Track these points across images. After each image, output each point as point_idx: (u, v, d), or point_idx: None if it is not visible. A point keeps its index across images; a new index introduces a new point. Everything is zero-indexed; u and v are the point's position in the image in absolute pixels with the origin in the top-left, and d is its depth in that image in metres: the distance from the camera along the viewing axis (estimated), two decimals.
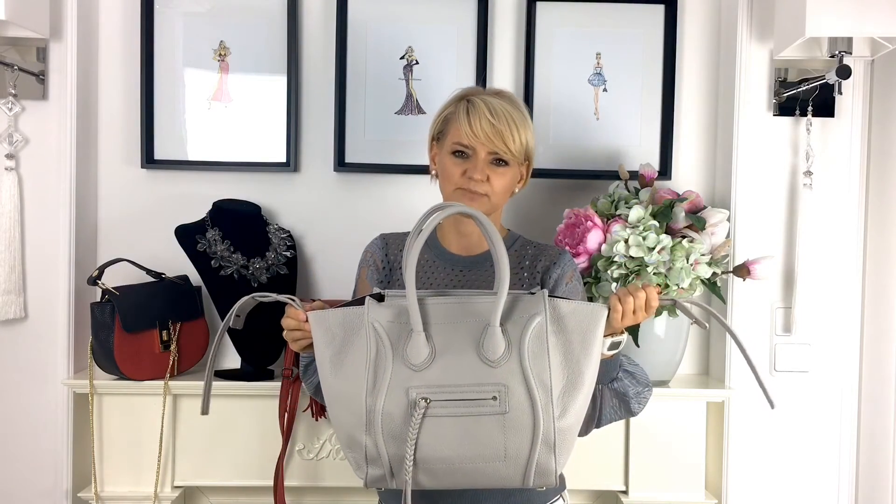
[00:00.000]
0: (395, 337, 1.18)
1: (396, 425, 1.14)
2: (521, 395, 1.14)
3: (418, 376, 1.15)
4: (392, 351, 1.17)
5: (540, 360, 1.16)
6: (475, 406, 1.14)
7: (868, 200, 1.99)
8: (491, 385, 1.14)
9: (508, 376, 1.15)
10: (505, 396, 1.14)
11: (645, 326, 1.79)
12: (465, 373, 1.15)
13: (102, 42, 2.03)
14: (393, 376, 1.15)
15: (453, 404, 1.14)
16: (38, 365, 1.94)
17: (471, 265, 1.48)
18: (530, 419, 1.14)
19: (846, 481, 1.99)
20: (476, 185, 1.41)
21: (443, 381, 1.15)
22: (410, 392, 1.14)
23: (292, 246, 1.99)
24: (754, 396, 1.97)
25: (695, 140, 2.08)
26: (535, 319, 1.18)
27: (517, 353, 1.16)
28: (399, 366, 1.16)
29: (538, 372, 1.15)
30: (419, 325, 1.16)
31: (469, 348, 1.16)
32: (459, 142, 1.43)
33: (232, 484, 1.88)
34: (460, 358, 1.16)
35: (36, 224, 1.95)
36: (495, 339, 1.16)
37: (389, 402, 1.14)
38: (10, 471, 1.95)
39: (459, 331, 1.18)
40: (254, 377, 1.88)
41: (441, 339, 1.17)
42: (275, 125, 2.01)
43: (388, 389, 1.15)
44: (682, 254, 1.75)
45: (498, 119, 1.40)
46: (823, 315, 1.98)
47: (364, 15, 2.00)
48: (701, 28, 2.07)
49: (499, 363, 1.15)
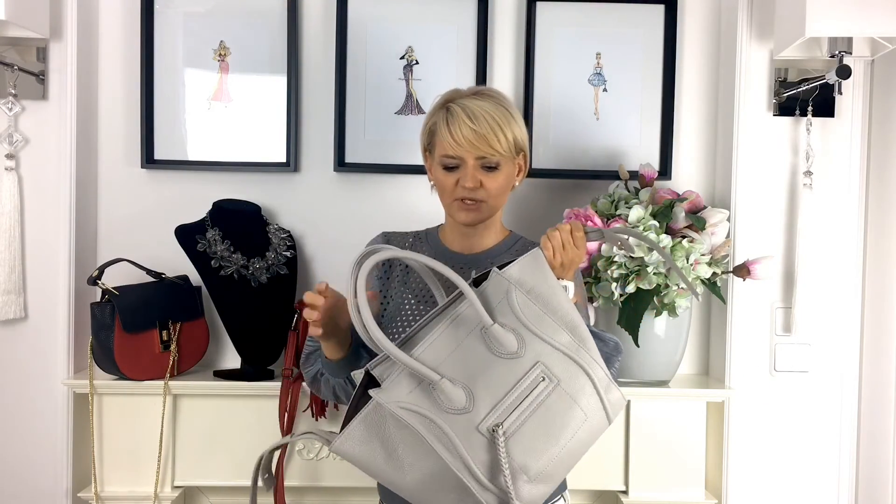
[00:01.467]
0: (423, 400, 1.13)
1: (493, 462, 1.11)
2: (557, 358, 1.17)
3: (474, 414, 1.13)
4: (432, 413, 1.12)
5: (542, 322, 1.19)
6: (534, 397, 1.15)
7: (868, 200, 1.99)
8: (529, 371, 1.16)
9: (536, 353, 1.17)
10: (546, 371, 1.16)
11: (645, 326, 1.79)
12: (504, 379, 1.15)
13: (102, 42, 2.03)
14: (457, 431, 1.11)
15: (518, 410, 1.14)
16: (38, 365, 1.94)
17: (470, 263, 1.49)
18: (578, 370, 1.17)
19: (846, 481, 1.99)
20: (470, 194, 1.41)
21: (494, 400, 1.14)
22: (480, 428, 1.12)
23: (292, 246, 1.99)
24: (754, 396, 1.98)
25: (695, 140, 2.08)
26: (511, 296, 1.20)
27: (525, 331, 1.18)
28: (452, 418, 1.12)
29: (550, 332, 1.18)
30: (436, 375, 1.13)
31: (487, 359, 1.16)
32: (445, 154, 1.42)
33: (232, 484, 1.88)
34: (487, 372, 1.15)
35: (36, 224, 1.95)
36: (500, 336, 1.17)
37: (473, 452, 1.11)
38: (10, 471, 1.95)
39: (464, 355, 1.17)
40: (254, 377, 1.88)
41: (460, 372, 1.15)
42: (275, 125, 2.01)
43: (465, 442, 1.11)
44: (682, 254, 1.75)
45: (478, 123, 1.38)
46: (823, 315, 1.98)
47: (364, 15, 2.00)
48: (701, 28, 2.07)
49: (520, 350, 1.17)
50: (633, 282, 1.76)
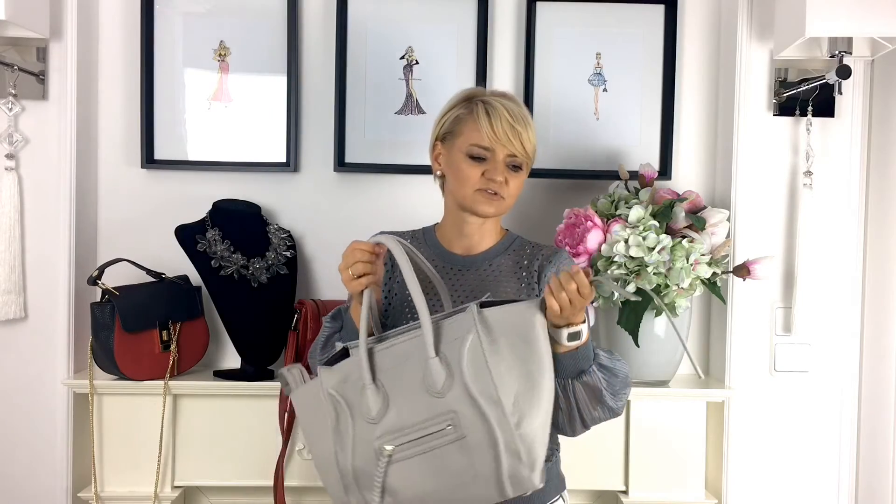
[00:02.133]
0: (350, 396, 1.20)
1: (371, 478, 1.17)
2: (473, 416, 1.15)
3: (378, 427, 1.18)
4: (349, 410, 1.20)
5: (482, 376, 1.16)
6: (434, 439, 1.16)
7: (868, 200, 1.99)
8: (443, 415, 1.16)
9: (456, 401, 1.16)
10: (458, 421, 1.15)
11: (645, 326, 1.79)
12: (418, 411, 1.17)
13: (102, 42, 2.03)
14: (356, 434, 1.18)
15: (414, 444, 1.16)
16: (38, 365, 1.94)
17: (469, 265, 1.49)
18: (487, 435, 1.14)
19: (846, 481, 1.99)
20: (497, 186, 1.42)
21: (399, 424, 1.17)
22: (374, 444, 1.17)
23: (292, 246, 1.99)
24: (754, 396, 1.98)
25: (695, 140, 2.08)
26: (467, 339, 1.18)
27: (459, 377, 1.16)
28: (360, 423, 1.19)
29: (482, 388, 1.15)
30: (368, 377, 1.19)
31: (417, 387, 1.18)
32: (479, 144, 1.42)
33: (232, 484, 1.88)
34: (411, 398, 1.18)
35: (36, 224, 1.95)
36: (434, 370, 1.17)
37: (358, 459, 1.18)
38: (11, 471, 1.95)
39: (406, 373, 1.20)
40: (254, 377, 1.88)
41: (391, 385, 1.19)
42: (275, 125, 2.01)
43: (354, 447, 1.18)
44: (682, 254, 1.75)
45: (516, 121, 1.42)
46: (823, 315, 1.98)
47: (364, 15, 2.00)
48: (701, 28, 2.07)
49: (444, 392, 1.17)
50: (633, 282, 1.75)
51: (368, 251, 1.28)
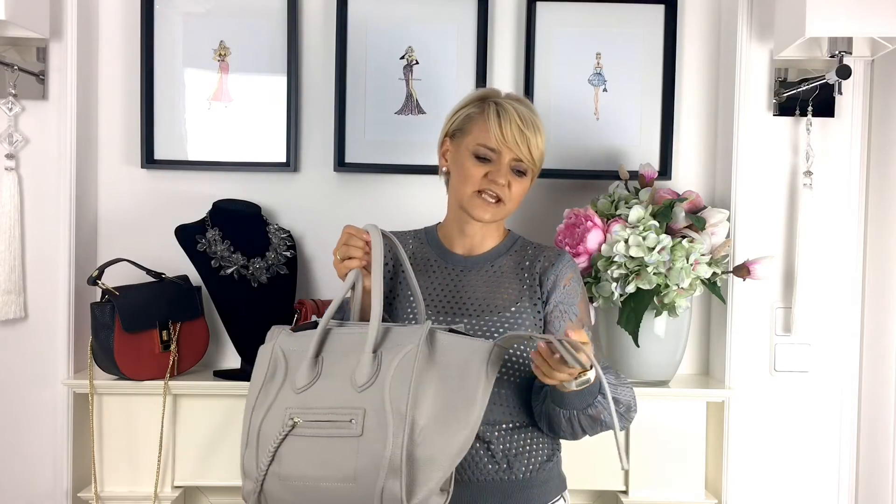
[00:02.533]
0: (293, 362, 1.24)
1: (271, 444, 1.18)
2: (376, 419, 1.16)
3: (297, 398, 1.20)
4: (285, 374, 1.23)
5: (401, 388, 1.17)
6: (335, 427, 1.17)
7: (868, 200, 1.99)
8: (351, 409, 1.17)
9: (369, 401, 1.18)
10: (361, 420, 1.17)
11: (645, 326, 1.78)
12: (335, 396, 1.19)
13: (102, 42, 2.03)
14: (278, 398, 1.21)
15: (317, 425, 1.18)
16: (38, 365, 1.94)
17: (471, 266, 1.49)
18: (381, 443, 1.14)
19: (846, 481, 1.99)
20: (498, 189, 1.42)
21: (314, 403, 1.19)
22: (286, 412, 1.19)
23: (292, 246, 1.99)
24: (754, 396, 1.98)
25: (695, 140, 2.08)
26: (405, 348, 1.20)
27: (381, 379, 1.19)
28: (286, 390, 1.22)
29: (395, 398, 1.16)
30: (312, 350, 1.23)
31: (346, 374, 1.21)
32: (486, 144, 1.42)
33: (232, 484, 1.87)
34: (335, 382, 1.21)
35: (36, 224, 1.95)
36: (364, 365, 1.20)
37: (268, 423, 1.20)
38: (11, 471, 1.95)
39: (347, 358, 1.22)
40: None
41: (329, 365, 1.23)
42: (275, 125, 2.01)
43: (270, 408, 1.21)
44: (682, 254, 1.75)
45: (526, 126, 1.42)
46: (823, 315, 1.98)
47: (364, 15, 2.00)
48: (701, 28, 2.07)
49: (363, 388, 1.19)
50: (633, 282, 1.76)
51: (358, 236, 1.33)
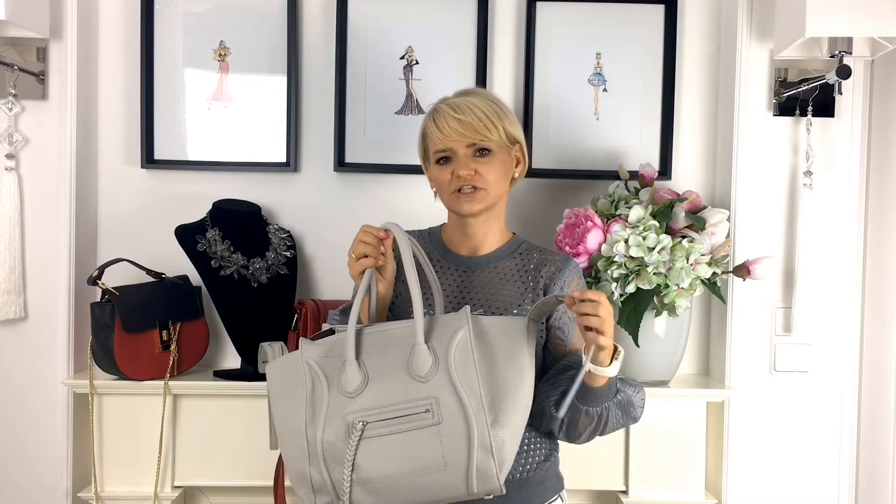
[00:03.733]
0: (329, 370, 1.23)
1: (338, 452, 1.18)
2: (453, 404, 1.17)
3: (353, 402, 1.19)
4: (328, 383, 1.22)
5: (467, 369, 1.19)
6: (409, 421, 1.18)
7: (868, 200, 1.99)
8: (422, 399, 1.18)
9: (438, 388, 1.18)
10: (437, 407, 1.17)
11: (645, 326, 1.79)
12: (397, 392, 1.19)
13: (102, 42, 2.03)
14: (330, 406, 1.20)
15: (388, 423, 1.18)
16: (38, 365, 1.94)
17: (475, 266, 1.49)
18: (464, 425, 1.16)
19: (846, 481, 1.99)
20: (467, 180, 1.42)
21: (377, 403, 1.19)
22: (347, 418, 1.18)
23: (292, 246, 1.99)
24: (754, 396, 1.98)
25: (695, 140, 2.08)
26: (458, 333, 1.22)
27: (444, 365, 1.20)
28: (335, 396, 1.21)
29: (466, 380, 1.18)
30: (352, 354, 1.22)
31: (399, 369, 1.21)
32: (437, 149, 1.44)
33: (232, 484, 1.88)
34: (391, 379, 1.20)
35: (36, 224, 1.95)
36: (421, 355, 1.20)
37: (329, 432, 1.19)
38: (11, 471, 1.95)
39: (389, 355, 1.23)
40: (254, 377, 1.87)
41: (373, 365, 1.22)
42: (275, 125, 2.01)
43: (327, 419, 1.19)
44: (682, 254, 1.75)
45: (462, 113, 1.41)
46: (823, 315, 1.98)
47: (364, 15, 2.00)
48: (701, 28, 2.07)
49: (427, 377, 1.19)
50: (633, 282, 1.76)
51: (373, 234, 1.32)
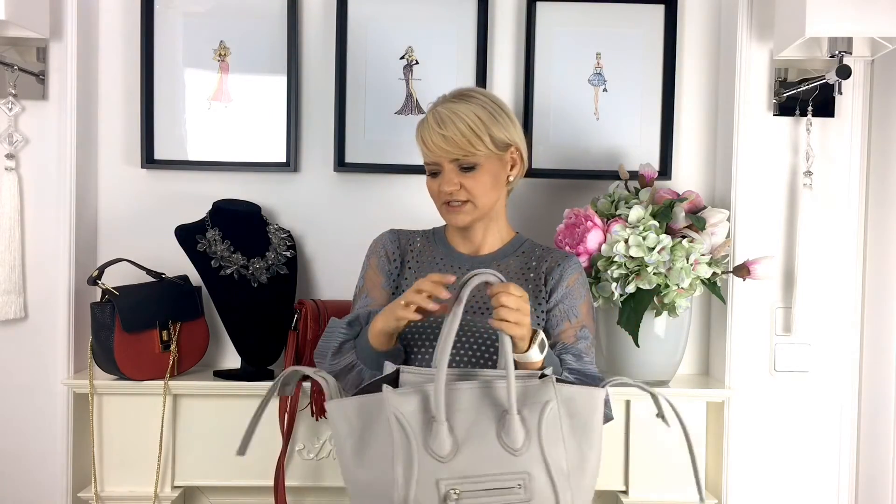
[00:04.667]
0: (418, 427, 1.16)
1: None
2: (543, 482, 1.16)
3: (445, 467, 1.14)
4: (416, 441, 1.15)
5: (556, 446, 1.17)
6: (501, 495, 1.15)
7: (868, 200, 1.99)
8: (515, 473, 1.15)
9: (530, 464, 1.16)
10: (528, 484, 1.15)
11: (645, 326, 1.78)
12: (491, 462, 1.15)
13: (102, 42, 2.03)
14: (420, 468, 1.14)
15: (481, 494, 1.14)
16: (38, 365, 1.94)
17: (477, 265, 1.49)
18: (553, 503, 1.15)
19: (846, 481, 1.99)
20: (451, 196, 1.43)
21: (469, 471, 1.15)
22: (440, 484, 1.13)
23: (292, 246, 1.99)
24: (754, 396, 1.98)
25: (695, 140, 2.08)
26: (549, 406, 1.18)
27: (537, 441, 1.17)
28: (424, 456, 1.14)
29: (555, 458, 1.17)
30: (443, 415, 1.15)
31: (490, 436, 1.17)
32: (425, 161, 1.45)
33: (232, 484, 1.88)
34: (483, 447, 1.16)
35: (36, 224, 1.95)
36: (515, 427, 1.16)
37: (421, 495, 1.13)
38: (10, 471, 1.95)
39: (479, 418, 1.18)
40: (254, 377, 1.88)
41: (463, 427, 1.17)
42: (275, 125, 2.01)
43: (418, 482, 1.13)
44: (682, 254, 1.75)
45: (445, 127, 1.40)
46: (823, 315, 1.98)
47: (364, 15, 2.00)
48: (701, 28, 2.07)
49: (520, 452, 1.16)
50: (633, 282, 1.76)
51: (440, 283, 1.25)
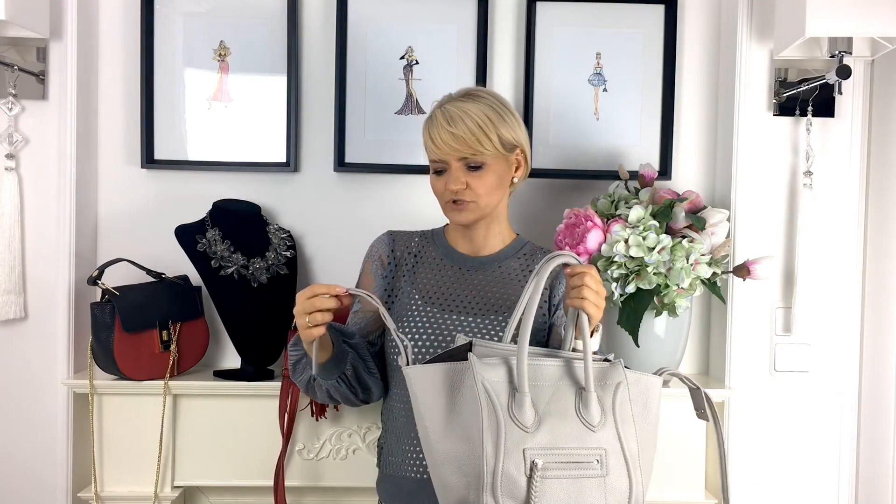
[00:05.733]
0: (504, 396, 1.18)
1: (514, 486, 1.15)
2: (618, 458, 1.19)
3: (531, 438, 1.16)
4: (503, 411, 1.17)
5: (628, 425, 1.21)
6: (581, 469, 1.17)
7: (868, 200, 1.99)
8: (593, 449, 1.18)
9: (606, 440, 1.19)
10: (605, 460, 1.18)
11: (645, 326, 1.79)
12: (571, 436, 1.18)
13: (102, 42, 2.03)
14: (507, 437, 1.15)
15: (563, 466, 1.16)
16: (38, 365, 1.94)
17: (478, 266, 1.49)
18: (626, 482, 1.18)
19: (846, 481, 1.99)
20: (456, 195, 1.43)
21: (552, 443, 1.17)
22: (527, 454, 1.15)
23: (292, 246, 1.99)
24: (754, 396, 1.98)
25: (695, 140, 2.08)
26: (621, 387, 1.23)
27: (612, 419, 1.20)
28: (511, 426, 1.16)
29: (627, 437, 1.20)
30: (526, 386, 1.18)
31: (570, 411, 1.20)
32: (431, 158, 1.46)
33: (232, 484, 1.88)
34: (564, 421, 1.19)
35: (36, 224, 1.95)
36: (593, 404, 1.20)
37: (509, 464, 1.14)
38: (11, 471, 1.95)
39: (558, 393, 1.21)
40: (254, 377, 1.88)
41: (542, 400, 1.20)
42: (275, 125, 2.01)
43: (506, 451, 1.15)
44: (682, 254, 1.75)
45: (455, 126, 1.40)
46: (823, 315, 1.98)
47: (364, 15, 2.00)
48: (701, 28, 2.07)
49: (598, 428, 1.19)
50: (633, 282, 1.76)
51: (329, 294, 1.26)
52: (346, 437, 1.86)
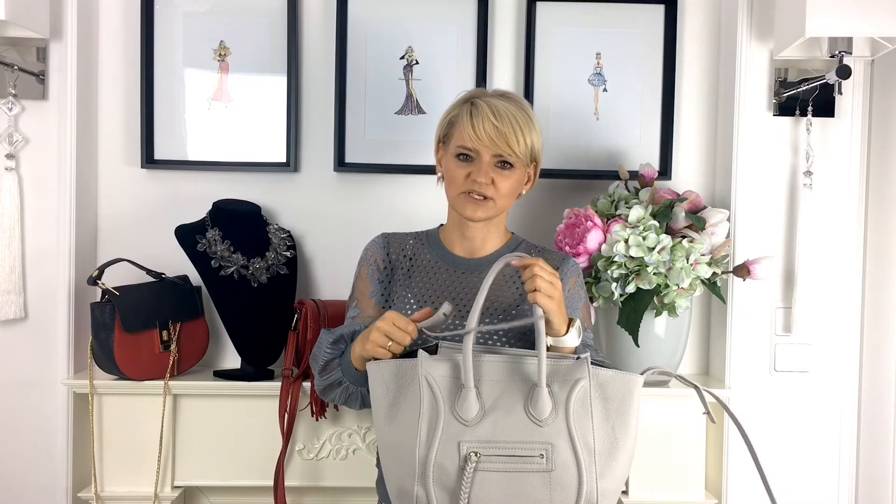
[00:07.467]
0: (447, 391, 1.22)
1: (447, 477, 1.18)
2: (567, 455, 1.18)
3: (469, 431, 1.19)
4: (444, 405, 1.21)
5: (584, 421, 1.20)
6: (523, 462, 1.18)
7: (868, 200, 1.99)
8: (538, 443, 1.18)
9: (555, 435, 1.19)
10: (551, 455, 1.18)
11: (645, 326, 1.78)
12: (514, 430, 1.19)
13: (102, 42, 2.03)
14: (445, 429, 1.19)
15: (502, 460, 1.18)
16: (38, 365, 1.94)
17: (473, 268, 1.49)
18: (575, 478, 1.18)
19: (846, 481, 1.99)
20: (481, 188, 1.41)
21: (493, 436, 1.19)
22: (462, 446, 1.18)
23: (292, 246, 1.99)
24: (754, 396, 1.98)
25: (695, 140, 2.08)
26: (580, 383, 1.22)
27: (563, 414, 1.20)
28: (451, 419, 1.20)
29: (582, 433, 1.19)
30: (471, 381, 1.21)
31: (518, 406, 1.21)
32: (463, 145, 1.42)
33: (232, 484, 1.88)
34: (509, 415, 1.20)
35: (36, 224, 1.95)
36: (542, 399, 1.20)
37: (441, 454, 1.18)
38: (11, 471, 1.95)
39: (509, 389, 1.22)
40: (254, 377, 1.88)
41: (491, 396, 1.22)
42: (275, 125, 2.01)
43: (441, 442, 1.18)
44: (682, 254, 1.75)
45: (501, 121, 1.39)
46: (823, 315, 1.98)
47: (364, 15, 2.00)
48: (701, 28, 2.07)
49: (546, 423, 1.19)
50: (633, 282, 1.76)
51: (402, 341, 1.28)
52: (346, 437, 1.86)
